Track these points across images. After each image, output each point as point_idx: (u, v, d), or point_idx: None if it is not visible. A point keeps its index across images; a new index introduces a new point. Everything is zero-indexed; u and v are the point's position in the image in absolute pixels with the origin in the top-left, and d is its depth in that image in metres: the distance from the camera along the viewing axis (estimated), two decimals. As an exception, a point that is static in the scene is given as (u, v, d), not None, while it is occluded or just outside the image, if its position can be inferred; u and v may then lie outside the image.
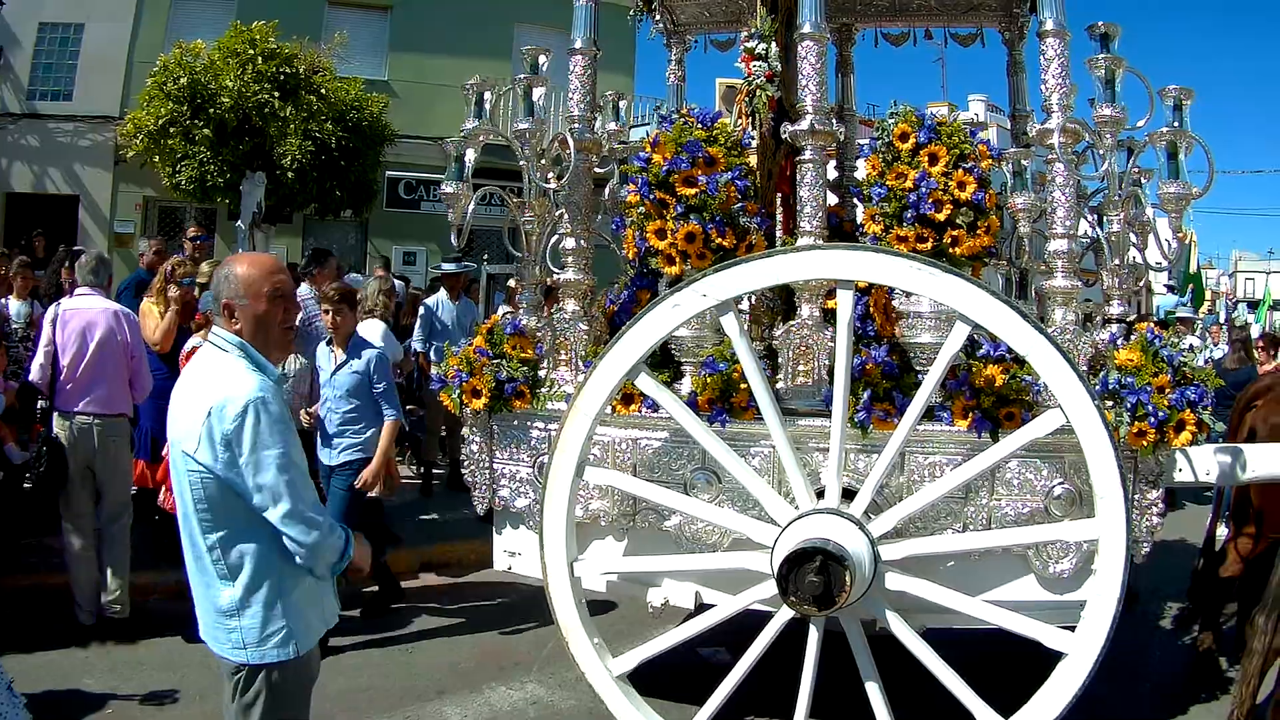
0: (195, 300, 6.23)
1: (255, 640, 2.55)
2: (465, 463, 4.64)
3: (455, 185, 4.62)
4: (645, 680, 3.85)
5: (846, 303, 3.48)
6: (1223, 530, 5.36)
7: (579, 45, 4.65)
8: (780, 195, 4.80)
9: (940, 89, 28.62)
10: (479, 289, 12.21)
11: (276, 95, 13.13)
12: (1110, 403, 3.70)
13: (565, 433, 3.71)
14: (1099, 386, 3.72)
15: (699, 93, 38.23)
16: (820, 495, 3.63)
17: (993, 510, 3.81)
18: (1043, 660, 3.52)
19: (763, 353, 4.10)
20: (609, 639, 3.95)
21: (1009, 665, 4.02)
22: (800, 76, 4.15)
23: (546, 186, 4.68)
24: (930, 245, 4.11)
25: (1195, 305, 19.50)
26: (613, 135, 5.40)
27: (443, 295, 9.00)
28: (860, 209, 5.11)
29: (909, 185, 4.13)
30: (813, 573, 3.28)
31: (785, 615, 3.59)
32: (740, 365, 3.72)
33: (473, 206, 4.63)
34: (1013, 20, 5.68)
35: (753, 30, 4.49)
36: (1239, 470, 3.85)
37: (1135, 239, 4.74)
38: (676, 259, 4.18)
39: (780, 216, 4.55)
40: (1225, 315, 30.41)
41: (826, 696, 3.86)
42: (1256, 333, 14.28)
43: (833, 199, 5.43)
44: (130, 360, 5.52)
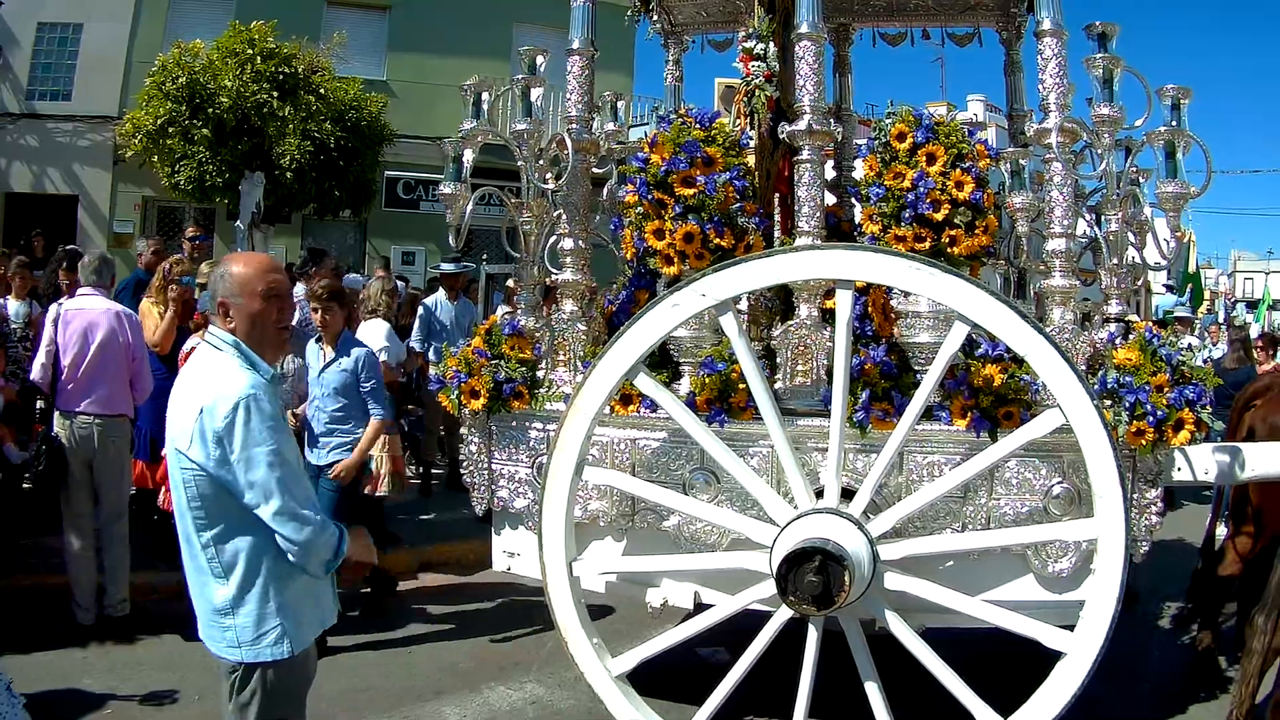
0: (195, 300, 6.23)
1: (250, 639, 2.55)
2: (464, 463, 4.65)
3: (453, 186, 4.62)
4: (644, 680, 3.84)
5: (846, 302, 3.48)
6: (1222, 530, 5.36)
7: (577, 45, 4.65)
8: (778, 195, 4.80)
9: (939, 89, 28.54)
10: (478, 289, 12.20)
11: (275, 95, 13.11)
12: (1109, 402, 3.70)
13: (564, 432, 3.70)
14: (1098, 386, 3.72)
15: (698, 92, 38.27)
16: (819, 495, 3.63)
17: (991, 510, 3.81)
18: (1042, 660, 3.51)
19: (761, 353, 4.09)
20: (608, 639, 3.95)
21: (1008, 665, 4.01)
22: (798, 76, 4.16)
23: (544, 187, 4.68)
24: (928, 245, 4.11)
25: (1194, 305, 19.51)
26: (611, 135, 5.40)
27: (441, 295, 9.00)
28: (858, 209, 5.11)
29: (907, 185, 4.13)
30: (812, 572, 3.29)
31: (784, 615, 3.59)
32: (739, 365, 3.72)
33: (471, 207, 4.63)
34: (1010, 20, 5.68)
35: (750, 30, 4.49)
36: (1238, 469, 3.85)
37: (1133, 238, 4.74)
38: (675, 259, 4.19)
39: (778, 216, 4.55)
40: (1224, 315, 30.43)
41: (826, 696, 3.85)
42: (1255, 332, 14.28)
43: (830, 199, 5.42)
44: (131, 361, 5.52)
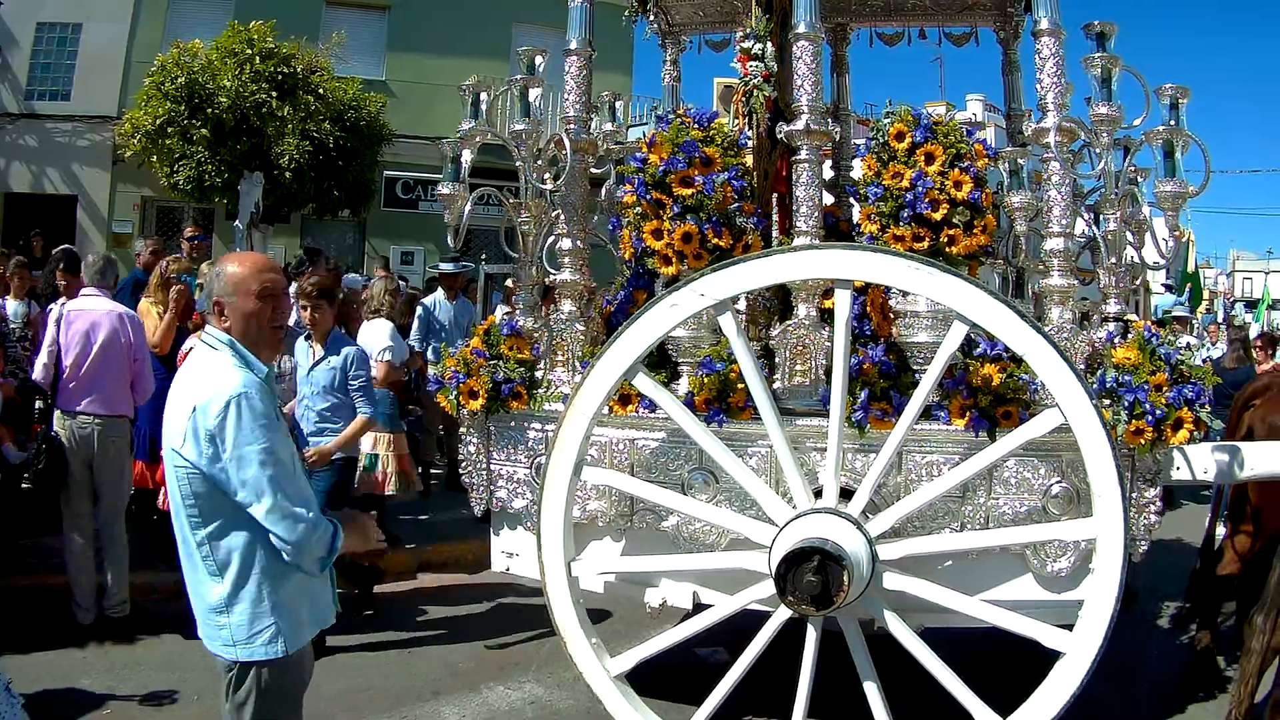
0: (194, 300, 6.22)
1: (244, 637, 2.55)
2: (463, 464, 4.65)
3: (452, 186, 4.62)
4: (643, 680, 3.84)
5: (845, 302, 3.47)
6: (1222, 529, 5.37)
7: (574, 46, 4.65)
8: (776, 195, 4.81)
9: (938, 89, 28.52)
10: (476, 289, 12.21)
11: (274, 95, 13.12)
12: (1107, 401, 3.70)
13: (563, 432, 3.70)
14: (1096, 385, 3.72)
15: (696, 92, 38.22)
16: (818, 495, 3.63)
17: (990, 509, 3.80)
18: (1041, 659, 3.51)
19: (760, 352, 4.09)
20: (606, 639, 3.95)
21: (1007, 664, 4.01)
22: (795, 76, 4.15)
23: (543, 187, 4.68)
24: (927, 244, 4.10)
25: (1193, 304, 19.52)
26: (609, 135, 5.40)
27: (440, 295, 9.00)
28: (856, 209, 5.11)
29: (905, 185, 4.12)
30: (811, 572, 3.28)
31: (783, 615, 3.59)
32: (737, 365, 3.72)
33: (469, 207, 4.62)
34: (1007, 19, 5.68)
35: (748, 30, 4.48)
36: (1236, 468, 3.85)
37: (1132, 238, 4.74)
38: (673, 259, 4.18)
39: (776, 216, 4.56)
40: (1224, 315, 30.42)
41: (824, 696, 3.85)
42: (1255, 332, 14.27)
43: (829, 199, 5.42)
44: (133, 363, 5.53)
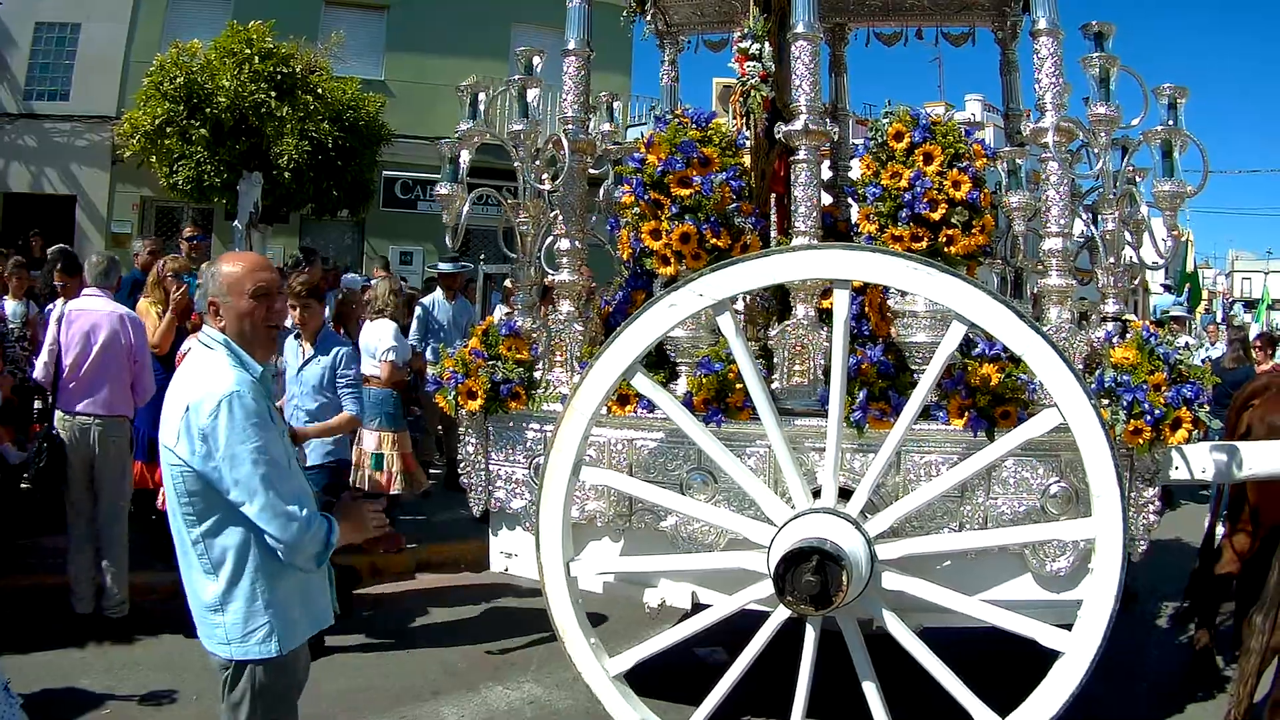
0: (194, 301, 6.22)
1: (238, 636, 2.55)
2: (461, 464, 4.64)
3: (450, 186, 4.61)
4: (642, 680, 3.84)
5: (843, 302, 3.47)
6: (1221, 529, 5.37)
7: (572, 46, 4.65)
8: (775, 195, 4.81)
9: (937, 89, 28.52)
10: (475, 289, 12.21)
11: (273, 95, 13.11)
12: (1106, 401, 3.70)
13: (561, 433, 3.70)
14: (1095, 385, 3.72)
15: (695, 92, 38.24)
16: (816, 495, 3.63)
17: (989, 509, 3.81)
18: (1040, 659, 3.52)
19: (758, 352, 4.09)
20: (605, 639, 3.95)
21: (1006, 664, 4.02)
22: (793, 76, 4.15)
23: (541, 187, 4.68)
24: (925, 244, 4.11)
25: (1192, 304, 19.54)
26: (607, 136, 5.40)
27: (439, 295, 9.00)
28: (854, 209, 5.11)
29: (904, 185, 4.12)
30: (809, 572, 3.28)
31: (782, 615, 3.59)
32: (736, 365, 3.72)
33: (468, 207, 4.62)
34: (1005, 19, 5.67)
35: (746, 30, 4.48)
36: (1235, 468, 3.85)
37: (1130, 237, 4.74)
38: (671, 259, 4.18)
39: (775, 216, 4.55)
40: (1223, 315, 30.43)
41: (823, 696, 3.86)
42: (1254, 332, 14.28)
43: (827, 199, 5.42)
44: (133, 364, 5.52)
